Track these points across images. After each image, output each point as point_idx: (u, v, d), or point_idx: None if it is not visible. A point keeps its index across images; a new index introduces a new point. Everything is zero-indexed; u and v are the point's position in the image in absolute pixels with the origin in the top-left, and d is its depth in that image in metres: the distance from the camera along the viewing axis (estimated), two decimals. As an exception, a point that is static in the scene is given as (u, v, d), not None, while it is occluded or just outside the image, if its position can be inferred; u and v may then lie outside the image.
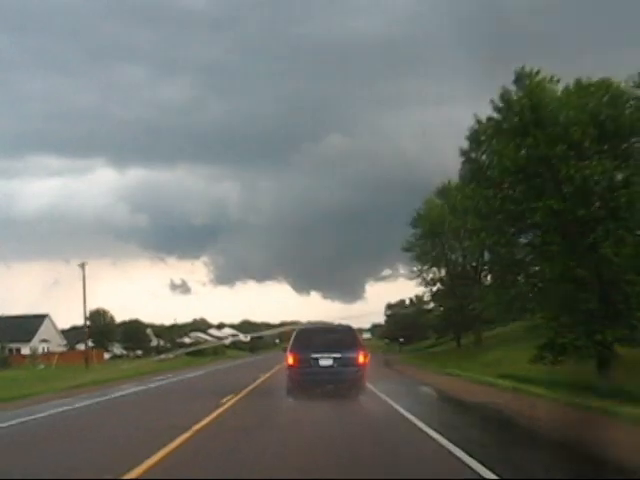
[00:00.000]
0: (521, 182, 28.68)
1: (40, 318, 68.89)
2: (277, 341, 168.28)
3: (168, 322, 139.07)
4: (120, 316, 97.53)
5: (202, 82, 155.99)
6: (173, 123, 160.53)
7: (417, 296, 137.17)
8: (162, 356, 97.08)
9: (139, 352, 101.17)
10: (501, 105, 28.90)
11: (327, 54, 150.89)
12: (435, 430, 10.98)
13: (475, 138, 31.99)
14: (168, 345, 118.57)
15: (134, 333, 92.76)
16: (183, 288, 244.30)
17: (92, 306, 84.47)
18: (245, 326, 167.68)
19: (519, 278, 28.63)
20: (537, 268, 27.12)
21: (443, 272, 56.24)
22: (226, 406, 16.30)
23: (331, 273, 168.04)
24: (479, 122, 32.06)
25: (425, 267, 54.19)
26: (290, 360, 18.48)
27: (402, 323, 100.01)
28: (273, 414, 14.74)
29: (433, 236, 52.39)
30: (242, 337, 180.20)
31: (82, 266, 50.64)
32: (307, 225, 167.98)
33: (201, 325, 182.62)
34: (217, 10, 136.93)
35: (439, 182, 51.81)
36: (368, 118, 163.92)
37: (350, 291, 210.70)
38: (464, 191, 30.69)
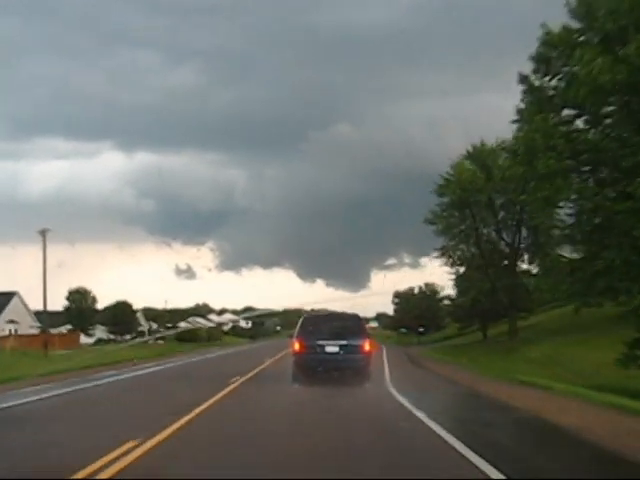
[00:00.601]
0: (617, 110, 20.33)
1: (7, 296, 60.55)
2: (278, 328, 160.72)
3: (170, 306, 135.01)
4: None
5: (211, 69, 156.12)
6: (181, 109, 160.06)
7: (427, 284, 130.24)
8: (150, 341, 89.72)
9: (128, 337, 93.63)
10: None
11: (336, 43, 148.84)
12: None
13: (543, 56, 23.52)
14: (161, 329, 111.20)
15: (121, 316, 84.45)
16: (188, 273, 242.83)
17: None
18: (248, 312, 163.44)
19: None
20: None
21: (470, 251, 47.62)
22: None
23: (336, 261, 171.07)
24: (548, 33, 23.56)
25: (452, 243, 45.55)
26: (296, 346, 18.49)
27: (415, 311, 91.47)
28: None
29: (462, 206, 43.77)
30: (243, 323, 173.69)
31: (42, 233, 42.21)
32: (313, 213, 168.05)
33: (203, 310, 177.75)
34: None
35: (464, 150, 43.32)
36: (375, 107, 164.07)
37: (354, 279, 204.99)
38: (532, 124, 22.15)
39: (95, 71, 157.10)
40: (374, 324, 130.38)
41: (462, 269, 47.51)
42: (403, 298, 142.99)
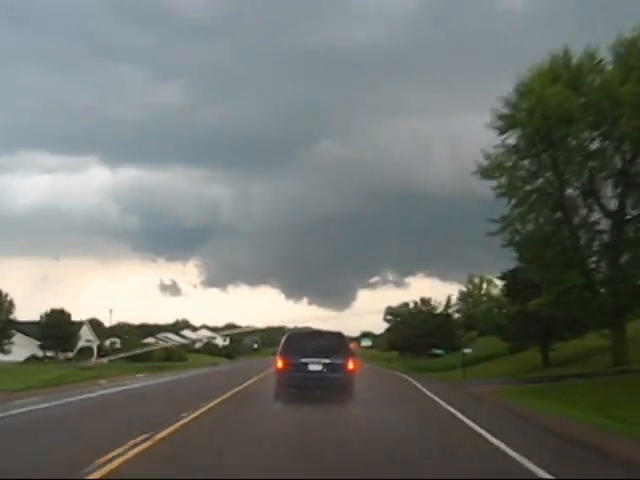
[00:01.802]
0: None
1: None
2: (255, 345, 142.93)
3: (151, 322, 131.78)
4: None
5: (197, 86, 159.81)
6: (167, 125, 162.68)
7: (423, 299, 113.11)
8: (94, 359, 72.14)
9: (70, 354, 75.95)
10: None
11: (322, 60, 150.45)
12: None
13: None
14: (117, 346, 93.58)
15: (56, 328, 66.58)
16: (173, 289, 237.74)
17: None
18: (229, 330, 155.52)
19: None
20: None
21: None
22: None
23: (321, 279, 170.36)
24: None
25: (519, 210, 28.09)
26: (279, 364, 18.14)
27: (420, 328, 74.30)
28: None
29: (540, 143, 26.76)
30: (220, 340, 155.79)
31: None
32: (298, 230, 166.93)
33: (181, 327, 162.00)
34: (214, 15, 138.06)
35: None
36: (361, 125, 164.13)
37: (339, 298, 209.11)
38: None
39: (82, 85, 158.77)
40: (366, 342, 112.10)
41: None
42: (397, 314, 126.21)
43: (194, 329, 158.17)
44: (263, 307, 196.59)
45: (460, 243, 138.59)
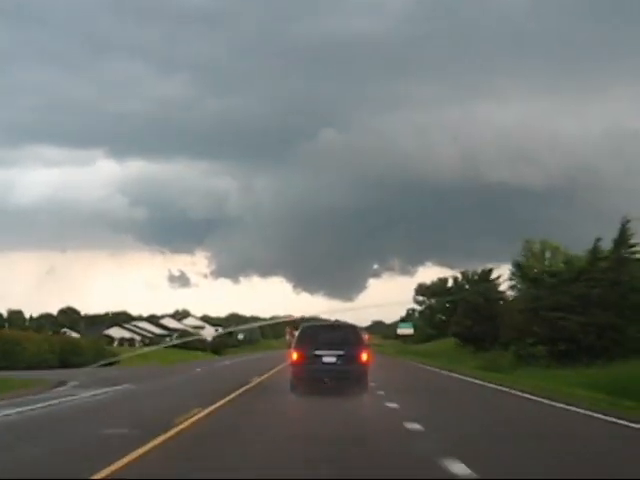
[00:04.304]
0: None
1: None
2: (240, 337, 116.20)
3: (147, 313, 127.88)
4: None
5: (200, 79, 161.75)
6: (172, 118, 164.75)
7: (464, 272, 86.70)
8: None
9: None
10: None
11: (324, 53, 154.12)
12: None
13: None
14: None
15: None
16: (182, 280, 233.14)
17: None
18: (232, 319, 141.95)
19: None
20: None
21: None
22: None
23: (328, 270, 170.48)
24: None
25: None
26: (294, 356, 18.59)
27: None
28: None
29: None
30: (210, 330, 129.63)
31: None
32: (304, 221, 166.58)
33: (179, 317, 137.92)
34: (215, 8, 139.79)
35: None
36: (364, 116, 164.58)
37: (346, 288, 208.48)
38: None
39: (87, 80, 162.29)
40: (406, 329, 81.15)
41: None
42: (438, 293, 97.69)
43: (175, 317, 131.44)
44: (270, 298, 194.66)
45: (469, 232, 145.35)
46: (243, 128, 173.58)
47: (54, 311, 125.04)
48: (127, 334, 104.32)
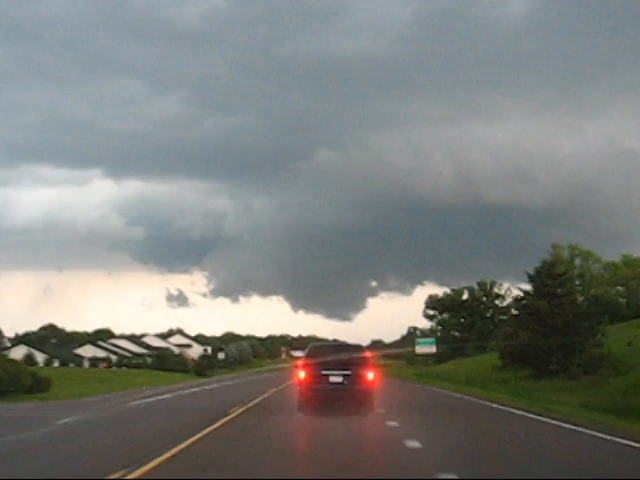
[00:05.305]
0: None
1: None
2: (221, 355, 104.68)
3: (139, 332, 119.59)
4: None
5: (198, 99, 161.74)
6: (169, 137, 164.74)
7: (480, 283, 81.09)
8: None
9: None
10: None
11: (320, 73, 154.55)
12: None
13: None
14: None
15: None
16: (180, 299, 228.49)
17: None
18: (227, 338, 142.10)
19: None
20: None
21: None
22: None
23: (326, 290, 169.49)
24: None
25: None
26: (301, 376, 18.78)
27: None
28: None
29: None
30: (197, 349, 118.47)
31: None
32: (302, 242, 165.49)
33: (174, 335, 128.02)
34: (213, 27, 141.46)
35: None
36: (361, 136, 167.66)
37: (345, 307, 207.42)
38: None
39: (83, 99, 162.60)
40: (427, 346, 63.58)
41: None
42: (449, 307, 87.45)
43: (164, 337, 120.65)
44: (268, 317, 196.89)
45: (467, 251, 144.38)
46: (240, 147, 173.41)
47: (35, 328, 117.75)
48: (101, 353, 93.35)
